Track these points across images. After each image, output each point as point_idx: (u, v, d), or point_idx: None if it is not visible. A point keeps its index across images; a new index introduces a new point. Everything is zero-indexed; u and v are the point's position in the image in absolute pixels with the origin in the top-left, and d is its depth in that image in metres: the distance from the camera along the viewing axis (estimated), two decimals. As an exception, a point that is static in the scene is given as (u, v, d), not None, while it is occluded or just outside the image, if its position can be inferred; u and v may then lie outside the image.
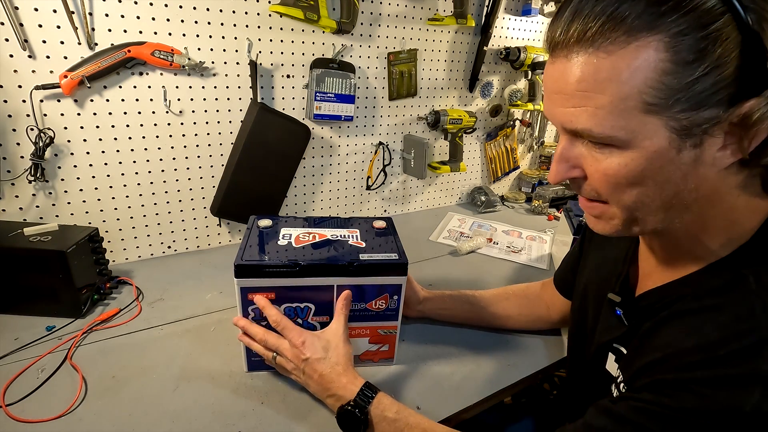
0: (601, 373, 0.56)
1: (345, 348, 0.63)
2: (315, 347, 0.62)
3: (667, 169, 0.39)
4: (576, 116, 0.40)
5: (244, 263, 0.62)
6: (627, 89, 0.37)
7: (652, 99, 0.36)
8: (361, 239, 0.72)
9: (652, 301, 0.50)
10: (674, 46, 0.35)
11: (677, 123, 0.37)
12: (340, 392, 0.59)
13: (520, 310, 0.84)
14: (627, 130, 0.38)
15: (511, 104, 1.47)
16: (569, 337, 0.72)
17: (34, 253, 0.76)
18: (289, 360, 0.63)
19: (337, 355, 0.62)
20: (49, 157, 0.88)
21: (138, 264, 1.04)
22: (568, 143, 0.44)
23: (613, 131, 0.38)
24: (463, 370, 0.75)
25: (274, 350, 0.64)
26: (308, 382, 0.62)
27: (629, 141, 0.38)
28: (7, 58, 0.80)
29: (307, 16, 0.99)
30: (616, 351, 0.54)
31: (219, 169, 1.08)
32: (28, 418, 0.60)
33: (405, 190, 1.46)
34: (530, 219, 1.50)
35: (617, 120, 0.38)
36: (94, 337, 0.77)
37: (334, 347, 0.63)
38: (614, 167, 0.40)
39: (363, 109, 1.25)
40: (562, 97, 0.41)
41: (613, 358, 0.54)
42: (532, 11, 1.38)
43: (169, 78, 0.95)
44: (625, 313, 0.53)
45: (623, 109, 0.37)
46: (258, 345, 0.65)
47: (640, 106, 0.37)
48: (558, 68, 0.41)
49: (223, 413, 0.63)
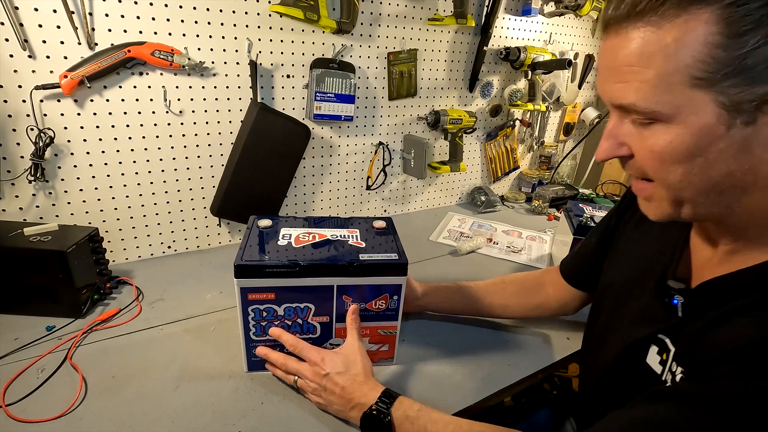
0: (638, 366, 0.53)
1: (363, 361, 0.64)
2: (334, 362, 0.62)
3: (715, 146, 0.38)
4: (623, 91, 0.40)
5: (244, 263, 0.62)
6: (673, 63, 0.36)
7: (699, 73, 0.36)
8: (361, 239, 0.72)
9: (713, 292, 0.47)
10: (727, 17, 0.34)
11: (726, 98, 0.36)
12: (362, 400, 0.59)
13: (518, 299, 0.84)
14: (672, 105, 0.38)
15: (511, 104, 1.47)
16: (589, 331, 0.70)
17: (34, 253, 0.76)
18: (310, 380, 0.62)
19: (356, 368, 0.62)
20: (49, 157, 0.88)
21: (138, 264, 1.04)
22: (617, 120, 0.44)
23: (658, 106, 0.38)
24: (463, 370, 0.75)
25: (295, 373, 0.65)
26: (330, 398, 0.61)
27: (674, 116, 0.38)
28: (7, 58, 0.80)
29: (307, 16, 0.99)
30: (660, 342, 0.51)
31: (219, 169, 1.08)
32: (28, 418, 0.60)
33: (405, 190, 1.46)
34: (530, 219, 1.50)
35: (662, 95, 0.38)
36: (94, 337, 0.77)
37: (353, 362, 0.63)
38: (660, 144, 0.40)
39: (363, 109, 1.25)
40: (611, 72, 0.41)
41: (655, 350, 0.52)
42: (532, 11, 1.38)
43: (169, 78, 0.95)
44: (684, 303, 0.50)
45: (669, 83, 0.37)
46: (280, 371, 0.66)
47: (687, 80, 0.36)
48: (609, 44, 0.41)
49: (223, 413, 0.63)
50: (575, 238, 1.01)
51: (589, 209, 1.10)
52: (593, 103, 1.81)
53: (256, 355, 0.69)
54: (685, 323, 0.48)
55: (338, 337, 0.70)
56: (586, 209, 1.10)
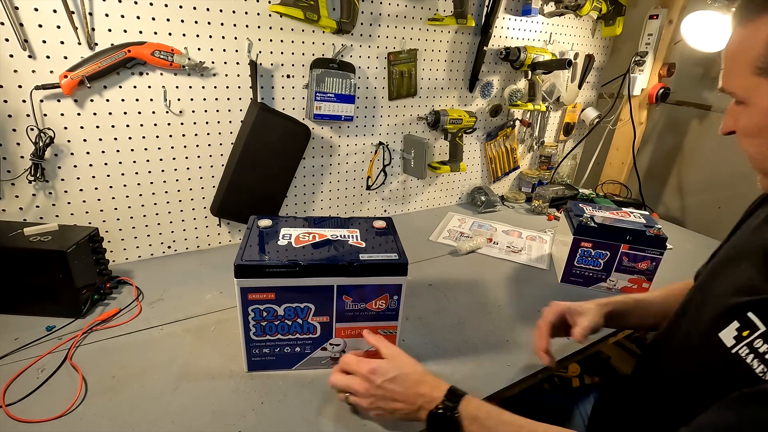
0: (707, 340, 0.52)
1: (408, 359, 0.63)
2: (384, 369, 0.60)
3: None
4: (722, 77, 0.54)
5: (244, 263, 0.62)
6: (747, 56, 0.49)
7: (762, 64, 0.47)
8: (361, 239, 0.72)
9: None
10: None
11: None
12: (426, 399, 0.58)
13: None
14: (744, 89, 0.51)
15: (511, 104, 1.47)
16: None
17: (34, 253, 0.76)
18: (363, 394, 0.61)
19: (407, 369, 0.61)
20: (49, 157, 0.88)
21: (138, 264, 1.04)
22: (732, 102, 0.55)
23: (735, 89, 0.52)
24: (463, 370, 0.75)
25: (346, 390, 0.63)
26: (393, 406, 0.60)
27: (747, 98, 0.51)
28: (7, 58, 0.80)
29: (307, 16, 0.99)
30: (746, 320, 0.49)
31: (219, 169, 1.08)
32: (28, 418, 0.60)
33: (405, 190, 1.46)
34: (530, 219, 1.50)
35: (739, 80, 0.51)
36: (94, 337, 0.77)
37: (401, 364, 0.62)
38: (743, 120, 0.53)
39: (363, 109, 1.25)
40: (723, 61, 0.54)
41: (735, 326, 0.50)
42: (532, 11, 1.38)
43: (169, 78, 0.95)
44: None
45: (742, 70, 0.49)
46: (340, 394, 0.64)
47: (755, 70, 0.48)
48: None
49: (223, 413, 0.63)
50: (575, 238, 1.01)
51: (589, 209, 1.09)
52: (593, 103, 1.81)
53: (257, 355, 0.69)
54: None
55: (338, 337, 0.70)
56: (586, 209, 1.09)
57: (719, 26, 1.31)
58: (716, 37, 1.33)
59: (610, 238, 0.99)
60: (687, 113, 1.57)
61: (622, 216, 1.05)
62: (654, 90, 1.57)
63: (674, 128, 1.62)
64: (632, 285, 1.02)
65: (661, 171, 1.67)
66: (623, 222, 1.01)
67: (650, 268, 0.99)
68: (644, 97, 1.60)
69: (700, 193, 1.56)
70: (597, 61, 1.68)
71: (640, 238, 0.97)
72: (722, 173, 1.48)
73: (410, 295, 0.93)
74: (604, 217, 1.03)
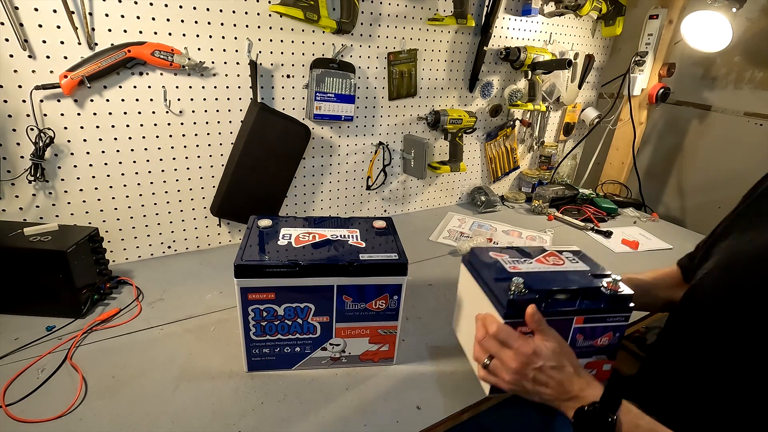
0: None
1: (571, 351, 0.59)
2: (547, 355, 0.57)
3: None
4: None
5: (244, 263, 0.62)
6: None
7: None
8: (361, 239, 0.72)
9: None
10: None
11: None
12: (581, 394, 0.56)
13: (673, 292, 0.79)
14: None
15: (511, 104, 1.47)
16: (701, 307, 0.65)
17: (34, 253, 0.76)
18: (514, 370, 0.58)
19: (570, 361, 0.58)
20: (49, 157, 0.88)
21: (138, 264, 1.04)
22: None
23: None
24: (463, 370, 0.75)
25: (495, 354, 0.60)
26: (540, 389, 0.57)
27: None
28: (7, 58, 0.80)
29: (307, 16, 0.99)
30: None
31: (219, 169, 1.08)
32: (28, 418, 0.60)
33: (405, 190, 1.46)
34: (530, 219, 1.50)
35: None
36: (94, 337, 0.77)
37: (566, 354, 0.58)
38: None
39: (363, 109, 1.25)
40: None
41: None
42: (532, 11, 1.38)
43: (169, 78, 0.95)
44: None
45: None
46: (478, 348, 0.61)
47: None
48: None
49: (223, 413, 0.63)
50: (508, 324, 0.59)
51: (505, 258, 0.68)
52: (593, 103, 1.81)
53: (257, 355, 0.69)
54: None
55: (338, 337, 0.70)
56: (500, 259, 0.68)
57: (719, 26, 1.31)
58: (716, 37, 1.33)
59: (557, 310, 0.60)
60: (687, 113, 1.57)
61: (553, 261, 0.68)
62: (654, 90, 1.57)
63: (674, 128, 1.62)
64: (590, 371, 0.63)
65: (661, 171, 1.67)
66: (567, 277, 0.64)
67: (612, 341, 0.63)
68: (644, 97, 1.60)
69: (700, 193, 1.56)
70: (597, 61, 1.68)
71: (594, 299, 0.61)
72: (722, 173, 1.48)
73: (410, 295, 0.93)
74: (536, 273, 0.64)
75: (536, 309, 0.58)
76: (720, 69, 1.46)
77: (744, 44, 1.38)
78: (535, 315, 0.58)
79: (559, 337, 0.59)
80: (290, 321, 0.67)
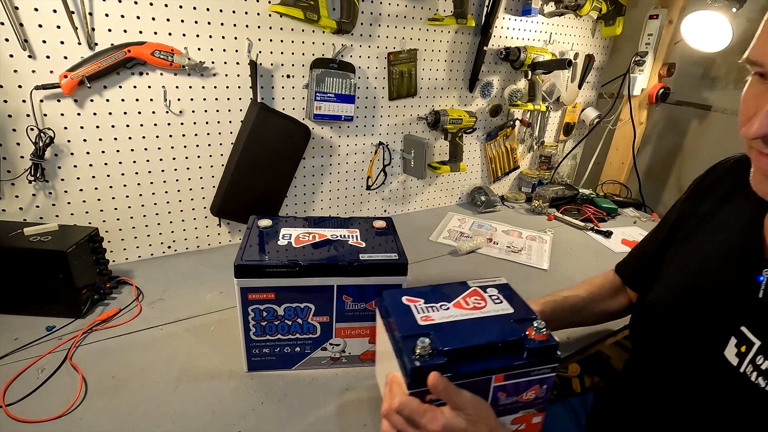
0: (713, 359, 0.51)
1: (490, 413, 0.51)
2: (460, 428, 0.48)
3: None
4: None
5: (244, 263, 0.62)
6: None
7: None
8: (361, 239, 0.72)
9: None
10: None
11: None
12: None
13: (607, 304, 0.78)
14: None
15: (511, 104, 1.47)
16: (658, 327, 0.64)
17: (34, 253, 0.76)
18: None
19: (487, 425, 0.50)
20: (49, 157, 0.88)
21: (138, 264, 1.04)
22: None
23: None
24: (463, 370, 0.75)
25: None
26: None
27: None
28: (7, 58, 0.80)
29: (307, 16, 0.99)
30: (740, 335, 0.49)
31: (219, 169, 1.08)
32: (28, 418, 0.60)
33: (405, 190, 1.46)
34: (530, 219, 1.50)
35: None
36: (94, 337, 0.77)
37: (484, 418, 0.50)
38: None
39: (363, 109, 1.25)
40: None
41: (734, 342, 0.50)
42: (532, 11, 1.38)
43: (169, 78, 0.95)
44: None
45: None
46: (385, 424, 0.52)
47: None
48: None
49: (223, 413, 0.63)
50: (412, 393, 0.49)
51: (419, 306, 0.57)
52: (593, 103, 1.81)
53: (257, 355, 0.69)
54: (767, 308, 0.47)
55: (338, 337, 0.70)
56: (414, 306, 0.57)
57: (719, 26, 1.31)
58: (716, 37, 1.33)
59: (472, 372, 0.50)
60: (687, 113, 1.57)
61: (474, 303, 0.58)
62: (654, 90, 1.57)
63: (674, 128, 1.62)
64: (517, 427, 0.56)
65: (661, 171, 1.67)
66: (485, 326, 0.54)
67: (540, 394, 0.55)
68: (644, 97, 1.60)
69: (700, 193, 1.56)
70: (597, 61, 1.68)
71: (515, 354, 0.52)
72: (722, 173, 1.48)
73: (410, 295, 0.93)
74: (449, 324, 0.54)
75: (439, 377, 0.48)
76: (720, 69, 1.46)
77: (744, 44, 1.36)
78: (438, 385, 0.47)
79: (474, 401, 0.50)
80: (290, 321, 0.67)
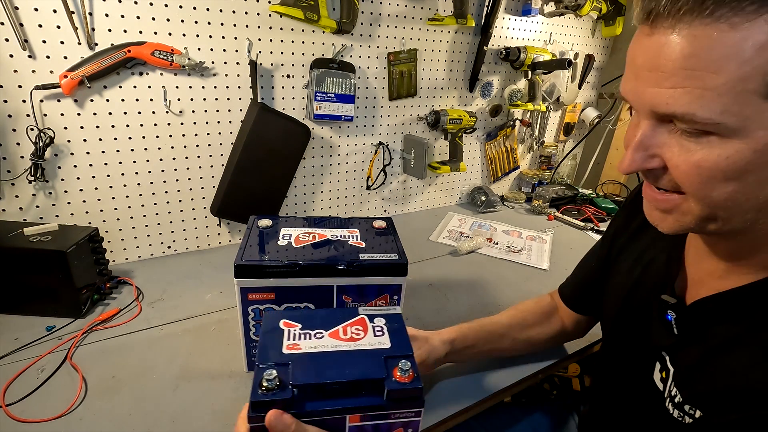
0: (645, 382, 0.52)
1: None
2: None
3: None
4: (675, 98, 0.34)
5: (244, 263, 0.62)
6: (749, 69, 0.31)
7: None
8: (361, 239, 0.72)
9: (708, 311, 0.45)
10: None
11: None
12: None
13: (539, 330, 0.76)
14: (740, 117, 0.33)
15: (511, 104, 1.47)
16: (606, 343, 0.67)
17: (34, 253, 0.76)
18: None
19: None
20: (49, 157, 0.88)
21: (138, 264, 1.04)
22: (650, 130, 0.38)
23: (722, 117, 0.33)
24: (463, 370, 0.75)
25: None
26: None
27: (739, 130, 0.33)
28: (7, 58, 0.80)
29: (307, 16, 0.99)
30: (662, 360, 0.49)
31: (219, 169, 1.08)
32: (28, 418, 0.60)
33: (405, 190, 1.46)
34: (530, 219, 1.50)
35: (730, 104, 0.33)
36: (94, 337, 0.77)
37: None
38: (712, 159, 0.35)
39: (363, 109, 1.25)
40: (659, 75, 0.35)
41: (658, 367, 0.50)
42: (532, 11, 1.38)
43: (169, 78, 0.95)
44: (677, 320, 0.48)
45: (740, 92, 0.32)
46: None
47: (762, 90, 0.32)
48: (657, 42, 0.35)
49: (223, 413, 0.63)
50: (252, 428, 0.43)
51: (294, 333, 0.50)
52: (593, 103, 1.81)
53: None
54: (683, 343, 0.47)
55: (338, 337, 0.70)
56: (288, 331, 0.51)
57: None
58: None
59: (323, 410, 0.43)
60: (687, 113, 1.56)
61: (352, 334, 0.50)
62: (654, 90, 1.57)
63: (674, 128, 1.62)
64: None
65: (661, 171, 1.67)
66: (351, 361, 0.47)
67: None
68: (644, 97, 1.60)
69: (700, 193, 1.56)
70: (597, 61, 1.68)
71: (374, 394, 0.45)
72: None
73: (410, 295, 0.94)
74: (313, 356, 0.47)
75: (278, 416, 0.42)
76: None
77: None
78: (277, 425, 0.41)
79: None
80: (290, 321, 0.67)
